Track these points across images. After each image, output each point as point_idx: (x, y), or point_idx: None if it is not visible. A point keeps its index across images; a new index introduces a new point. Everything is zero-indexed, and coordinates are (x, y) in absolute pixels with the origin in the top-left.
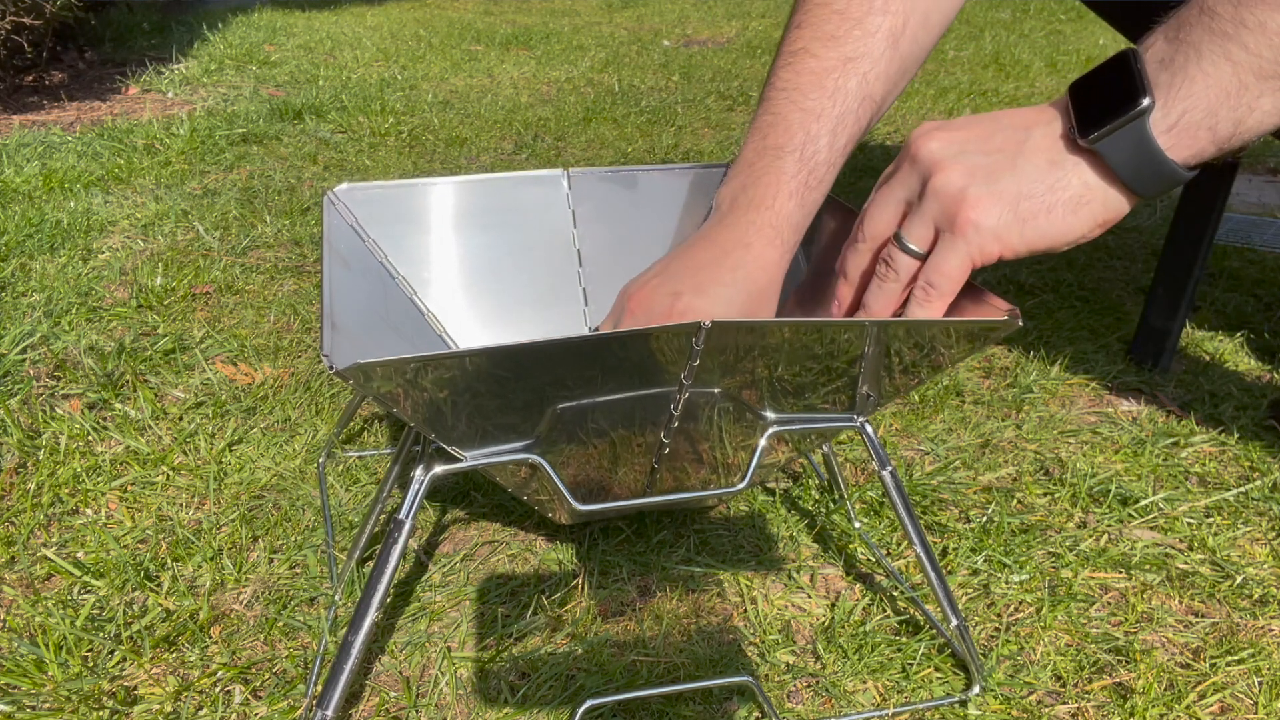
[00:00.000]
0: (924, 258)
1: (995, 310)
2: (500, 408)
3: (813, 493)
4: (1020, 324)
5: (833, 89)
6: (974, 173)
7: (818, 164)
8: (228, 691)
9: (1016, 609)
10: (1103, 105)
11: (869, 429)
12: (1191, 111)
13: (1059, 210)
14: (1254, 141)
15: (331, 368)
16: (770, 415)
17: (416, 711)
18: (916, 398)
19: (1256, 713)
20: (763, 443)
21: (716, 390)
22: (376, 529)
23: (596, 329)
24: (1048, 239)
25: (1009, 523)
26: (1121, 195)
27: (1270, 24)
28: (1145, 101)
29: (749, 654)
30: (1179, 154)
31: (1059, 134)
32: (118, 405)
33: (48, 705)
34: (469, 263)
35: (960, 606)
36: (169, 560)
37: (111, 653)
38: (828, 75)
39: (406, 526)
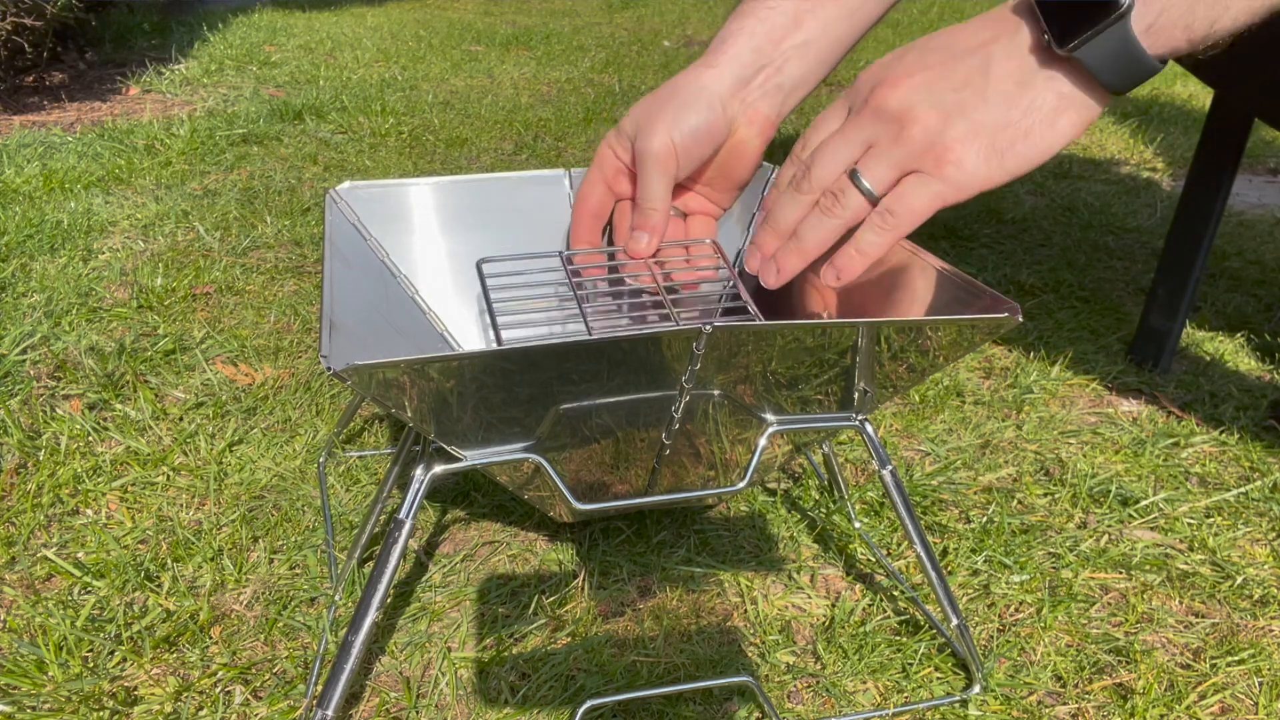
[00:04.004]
0: (877, 201)
1: (995, 308)
2: (504, 402)
3: (813, 493)
4: (1020, 320)
5: None
6: (949, 115)
7: None
8: (228, 692)
9: (1017, 609)
10: (1078, 10)
11: (869, 428)
12: (1169, 11)
13: (1037, 130)
14: (1223, 41)
15: (329, 369)
16: (770, 414)
17: (417, 712)
18: (917, 398)
19: (1257, 713)
20: (763, 442)
21: (717, 391)
22: (376, 529)
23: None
24: (1028, 162)
25: (1009, 523)
26: (1096, 95)
27: None
28: (1125, 2)
29: (749, 654)
30: (1153, 51)
31: (1024, 48)
32: (118, 406)
33: (48, 706)
34: (471, 262)
35: (960, 606)
36: (169, 561)
37: (112, 653)
38: None
39: (406, 526)
